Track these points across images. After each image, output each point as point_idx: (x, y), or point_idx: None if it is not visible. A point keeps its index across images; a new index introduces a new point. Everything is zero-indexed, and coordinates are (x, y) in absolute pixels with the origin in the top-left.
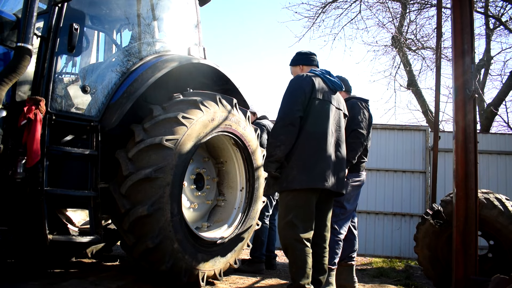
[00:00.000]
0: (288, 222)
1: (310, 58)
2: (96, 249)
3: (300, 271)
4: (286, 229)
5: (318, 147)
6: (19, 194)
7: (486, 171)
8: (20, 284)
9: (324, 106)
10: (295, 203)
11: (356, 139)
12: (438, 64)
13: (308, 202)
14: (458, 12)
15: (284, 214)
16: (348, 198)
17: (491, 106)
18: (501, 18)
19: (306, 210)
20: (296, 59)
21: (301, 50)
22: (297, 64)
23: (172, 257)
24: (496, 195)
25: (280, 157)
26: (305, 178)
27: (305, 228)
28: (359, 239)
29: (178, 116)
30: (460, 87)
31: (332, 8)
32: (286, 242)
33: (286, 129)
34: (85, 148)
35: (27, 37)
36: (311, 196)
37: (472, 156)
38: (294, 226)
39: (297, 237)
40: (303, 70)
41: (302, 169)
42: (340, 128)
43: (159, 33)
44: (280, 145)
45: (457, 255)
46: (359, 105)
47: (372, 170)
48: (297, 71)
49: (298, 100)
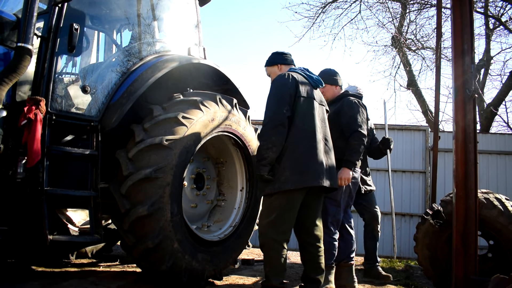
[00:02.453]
0: (270, 222)
1: (286, 57)
2: (96, 249)
3: (273, 270)
4: (268, 228)
5: (309, 145)
6: (19, 194)
7: (486, 171)
8: (20, 284)
9: (309, 104)
10: (279, 204)
11: (359, 140)
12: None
13: (293, 204)
14: (458, 12)
15: (267, 214)
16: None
17: (491, 106)
18: (501, 18)
19: (290, 211)
20: (273, 58)
21: (276, 51)
22: (275, 63)
23: (172, 257)
24: (496, 195)
25: (273, 159)
26: (299, 178)
27: (286, 230)
28: (359, 239)
29: (178, 116)
30: (460, 87)
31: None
32: (265, 241)
33: (276, 130)
34: (85, 148)
35: (27, 37)
36: (298, 197)
37: (472, 156)
38: (276, 227)
39: (276, 238)
40: (282, 70)
41: (294, 169)
42: (325, 124)
43: (159, 33)
44: (272, 146)
45: (457, 255)
46: (357, 103)
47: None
48: (275, 71)
49: (285, 99)
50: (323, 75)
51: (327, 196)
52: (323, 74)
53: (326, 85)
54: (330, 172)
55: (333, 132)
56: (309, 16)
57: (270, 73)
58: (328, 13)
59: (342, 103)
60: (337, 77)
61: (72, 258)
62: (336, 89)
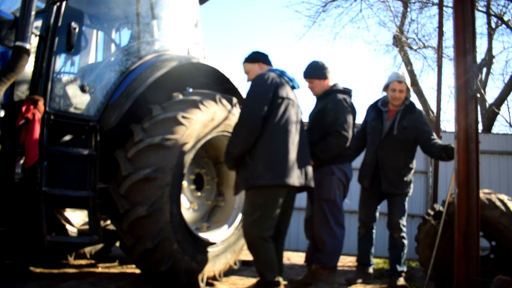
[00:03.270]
0: (255, 220)
1: (267, 57)
2: (95, 249)
3: (267, 266)
4: (252, 227)
5: (283, 143)
6: (17, 194)
7: (488, 172)
8: (18, 285)
9: (288, 105)
10: (263, 201)
11: (336, 140)
12: (439, 64)
13: (276, 200)
14: (460, 11)
15: (251, 212)
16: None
17: (493, 106)
18: (503, 17)
19: (274, 208)
20: (255, 55)
21: (257, 50)
22: (257, 61)
23: (171, 258)
24: (498, 196)
25: (237, 155)
26: (271, 175)
27: (270, 226)
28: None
29: (177, 116)
30: (462, 87)
31: (332, 7)
32: (251, 240)
33: (247, 130)
34: (83, 148)
35: (25, 36)
36: (280, 193)
37: (474, 156)
38: (260, 224)
39: (262, 235)
40: (262, 69)
41: (268, 165)
42: (301, 124)
43: (159, 32)
44: (239, 144)
45: (459, 256)
46: (342, 102)
47: None
48: (255, 69)
49: (263, 100)
50: (311, 69)
51: (321, 199)
52: (311, 68)
53: (314, 80)
54: (305, 171)
55: (318, 131)
56: (310, 15)
57: (249, 70)
58: (328, 12)
59: (328, 100)
60: (325, 70)
61: (70, 259)
62: (325, 82)
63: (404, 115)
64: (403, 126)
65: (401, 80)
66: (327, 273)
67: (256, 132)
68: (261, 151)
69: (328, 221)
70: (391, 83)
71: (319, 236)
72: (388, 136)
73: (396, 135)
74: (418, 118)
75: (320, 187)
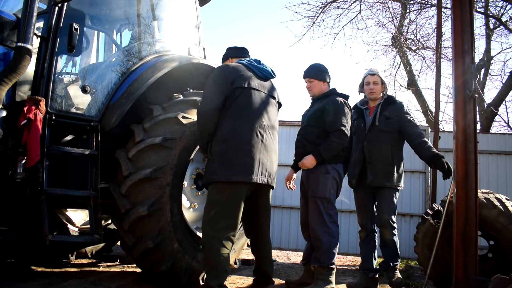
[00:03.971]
0: (209, 219)
1: (239, 50)
2: (96, 249)
3: (211, 271)
4: (206, 225)
5: (241, 138)
6: (19, 194)
7: (486, 171)
8: (20, 284)
9: (250, 95)
10: (220, 198)
11: (340, 139)
12: (438, 64)
13: (233, 199)
14: (458, 12)
15: (207, 209)
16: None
17: (491, 106)
18: (501, 18)
19: (232, 207)
20: (225, 53)
21: (230, 46)
22: (227, 58)
23: (172, 257)
24: (496, 195)
25: (203, 145)
26: (225, 171)
27: (227, 226)
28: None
29: (178, 116)
30: (460, 87)
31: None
32: (203, 240)
33: (203, 121)
34: (85, 148)
35: (27, 37)
36: (238, 191)
37: (472, 156)
38: (214, 224)
39: (214, 235)
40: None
41: (223, 161)
42: (270, 116)
43: (159, 33)
44: (200, 135)
45: (457, 255)
46: (343, 103)
47: None
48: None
49: (219, 90)
50: (312, 69)
51: (316, 197)
52: (312, 69)
53: (313, 80)
54: (266, 168)
55: (316, 130)
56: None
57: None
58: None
59: (328, 101)
60: (325, 73)
61: (72, 258)
62: (324, 85)
63: (385, 107)
64: (385, 117)
65: (373, 72)
66: (325, 271)
67: (210, 124)
68: (217, 146)
69: (323, 219)
70: (365, 79)
71: (315, 234)
72: (371, 129)
73: (379, 126)
74: (400, 109)
75: (315, 186)
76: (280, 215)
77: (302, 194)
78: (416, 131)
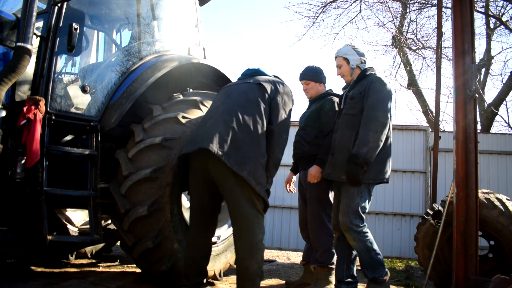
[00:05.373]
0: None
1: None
2: (96, 249)
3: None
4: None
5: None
6: (18, 194)
7: (486, 171)
8: (20, 284)
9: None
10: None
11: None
12: (438, 64)
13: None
14: (459, 12)
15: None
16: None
17: (491, 106)
18: (502, 18)
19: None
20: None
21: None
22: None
23: (172, 257)
24: (497, 195)
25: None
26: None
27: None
28: None
29: (178, 116)
30: (461, 87)
31: (332, 8)
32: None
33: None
34: (84, 148)
35: (26, 37)
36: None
37: (473, 156)
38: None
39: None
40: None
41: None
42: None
43: (159, 32)
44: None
45: (458, 256)
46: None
47: None
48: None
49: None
50: (309, 71)
51: (316, 198)
52: (308, 71)
53: (310, 82)
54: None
55: (314, 130)
56: (309, 16)
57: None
58: (328, 13)
59: (324, 101)
60: (321, 75)
61: (71, 258)
62: (320, 86)
63: (354, 85)
64: (349, 97)
65: (335, 55)
66: (325, 271)
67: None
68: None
69: (322, 219)
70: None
71: (314, 234)
72: (339, 115)
73: (344, 109)
74: (368, 84)
75: (313, 186)
76: (280, 215)
77: (300, 194)
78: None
